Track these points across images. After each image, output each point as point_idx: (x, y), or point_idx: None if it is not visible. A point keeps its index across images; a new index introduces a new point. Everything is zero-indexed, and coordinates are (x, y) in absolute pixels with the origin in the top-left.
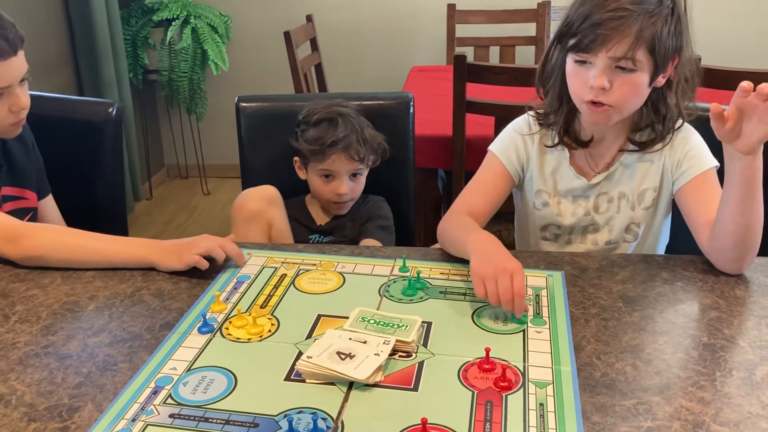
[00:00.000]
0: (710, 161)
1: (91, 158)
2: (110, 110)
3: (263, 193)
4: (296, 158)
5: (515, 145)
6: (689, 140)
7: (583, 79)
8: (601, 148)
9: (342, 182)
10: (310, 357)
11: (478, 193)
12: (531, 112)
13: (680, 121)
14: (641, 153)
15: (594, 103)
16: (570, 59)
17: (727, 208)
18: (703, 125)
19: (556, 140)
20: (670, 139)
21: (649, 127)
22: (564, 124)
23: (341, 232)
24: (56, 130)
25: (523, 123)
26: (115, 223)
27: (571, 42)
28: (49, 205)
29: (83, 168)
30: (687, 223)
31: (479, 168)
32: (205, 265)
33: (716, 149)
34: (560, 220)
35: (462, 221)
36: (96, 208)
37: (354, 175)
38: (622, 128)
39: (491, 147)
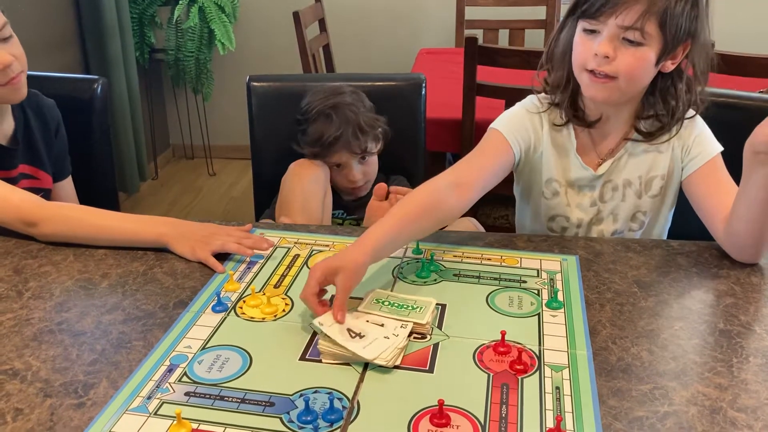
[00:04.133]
0: (717, 146)
1: (79, 135)
2: (95, 86)
3: (322, 165)
4: None
5: (524, 124)
6: (696, 124)
7: (588, 47)
8: (607, 134)
9: (352, 170)
10: (322, 323)
11: (471, 162)
12: (539, 95)
13: (691, 111)
14: (647, 144)
15: (596, 75)
16: (579, 29)
17: (747, 209)
18: (712, 111)
19: (565, 119)
20: (677, 131)
21: (654, 117)
22: (569, 101)
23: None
24: None
25: (529, 103)
26: (106, 200)
27: (582, 9)
28: (66, 187)
29: (71, 145)
30: (697, 212)
31: (479, 143)
32: (217, 266)
33: (720, 135)
34: (568, 212)
35: (400, 206)
36: (86, 184)
37: (363, 158)
38: (628, 114)
39: (494, 124)
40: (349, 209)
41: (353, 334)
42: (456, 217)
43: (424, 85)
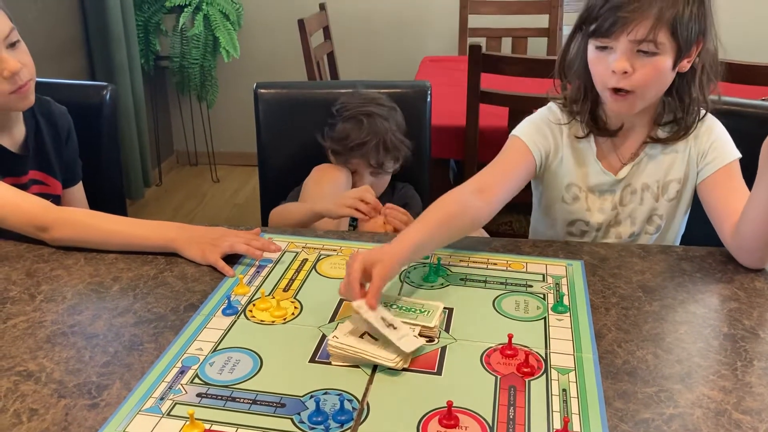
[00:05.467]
0: (734, 152)
1: (87, 141)
2: (104, 93)
3: (344, 170)
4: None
5: (543, 132)
6: (714, 130)
7: (605, 64)
8: (627, 138)
9: (362, 180)
10: (337, 337)
11: (495, 169)
12: (557, 101)
13: (703, 111)
14: (666, 144)
15: (617, 91)
16: (591, 46)
17: (755, 210)
18: (724, 117)
19: (587, 131)
20: (694, 128)
21: (674, 121)
22: (589, 114)
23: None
24: None
25: (549, 112)
26: (114, 205)
27: (592, 27)
28: (77, 192)
29: (80, 151)
30: (709, 215)
31: (501, 151)
32: (227, 270)
33: (738, 141)
34: (588, 216)
35: (430, 212)
36: (95, 190)
37: (377, 173)
38: (648, 118)
39: (514, 131)
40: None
41: (387, 324)
42: (483, 222)
43: (429, 92)
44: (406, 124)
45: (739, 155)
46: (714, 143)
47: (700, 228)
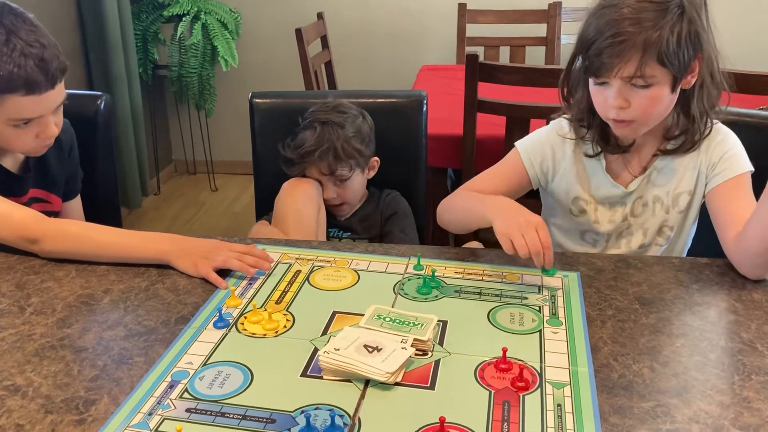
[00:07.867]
0: (745, 165)
1: (82, 151)
2: (99, 102)
3: (314, 183)
4: None
5: (543, 148)
6: (727, 142)
7: (604, 97)
8: (637, 152)
9: (325, 188)
10: (338, 349)
11: (490, 182)
12: (566, 117)
13: (710, 124)
14: (675, 156)
15: (619, 120)
16: (591, 81)
17: (762, 214)
18: (732, 129)
19: (598, 149)
20: (703, 137)
21: (682, 134)
22: (599, 132)
23: (360, 226)
24: None
25: (557, 126)
26: (109, 215)
27: (586, 65)
28: (74, 206)
29: None
30: (714, 222)
31: (501, 159)
32: (220, 282)
33: (751, 153)
34: (597, 227)
35: (472, 195)
36: (90, 200)
37: (341, 181)
38: (658, 132)
39: (518, 143)
40: (342, 227)
41: (371, 349)
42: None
43: (425, 101)
44: (403, 133)
45: (751, 169)
46: (726, 155)
47: (706, 240)
